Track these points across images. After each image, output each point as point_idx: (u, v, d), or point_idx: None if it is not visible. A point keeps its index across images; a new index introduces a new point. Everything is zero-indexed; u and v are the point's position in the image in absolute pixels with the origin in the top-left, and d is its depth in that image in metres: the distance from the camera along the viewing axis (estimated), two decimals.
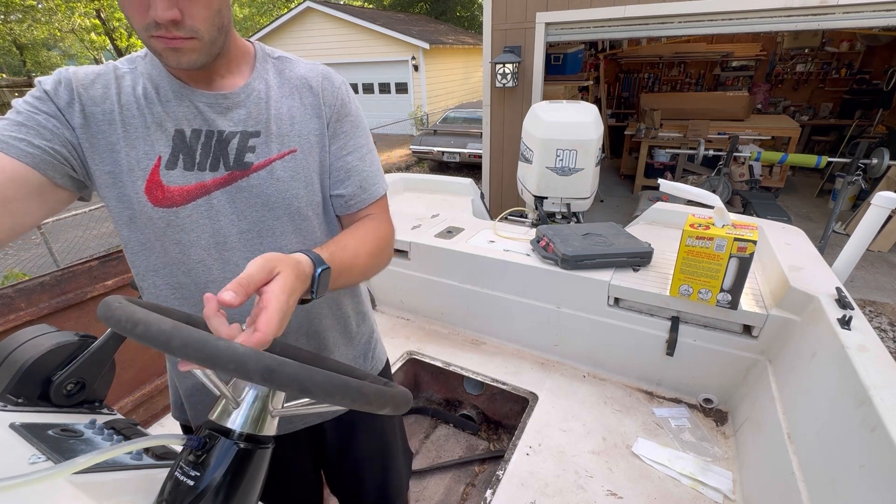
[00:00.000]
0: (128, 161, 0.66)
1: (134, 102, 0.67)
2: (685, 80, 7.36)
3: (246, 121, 0.71)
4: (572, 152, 2.50)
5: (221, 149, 0.70)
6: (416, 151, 8.22)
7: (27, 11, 13.07)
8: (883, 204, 1.30)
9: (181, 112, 0.68)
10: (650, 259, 1.65)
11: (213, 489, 0.48)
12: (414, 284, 2.04)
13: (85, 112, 0.65)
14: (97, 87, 0.66)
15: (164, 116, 0.67)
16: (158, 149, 0.67)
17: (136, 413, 1.63)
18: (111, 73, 0.68)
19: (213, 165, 0.69)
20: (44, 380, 0.66)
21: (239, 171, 0.71)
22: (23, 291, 1.34)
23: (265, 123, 0.72)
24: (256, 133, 0.72)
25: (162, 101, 0.67)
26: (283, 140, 0.73)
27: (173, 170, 0.68)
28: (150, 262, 0.72)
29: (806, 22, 3.35)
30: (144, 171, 0.67)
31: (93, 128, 0.65)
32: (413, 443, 1.97)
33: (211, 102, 0.69)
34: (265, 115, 0.72)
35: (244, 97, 0.71)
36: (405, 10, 18.63)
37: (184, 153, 0.68)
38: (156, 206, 0.68)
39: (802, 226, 2.00)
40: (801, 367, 1.22)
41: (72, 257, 4.70)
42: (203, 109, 0.69)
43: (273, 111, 0.73)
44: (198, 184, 0.69)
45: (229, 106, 0.70)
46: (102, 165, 0.66)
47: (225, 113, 0.70)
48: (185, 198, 0.69)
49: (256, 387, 0.54)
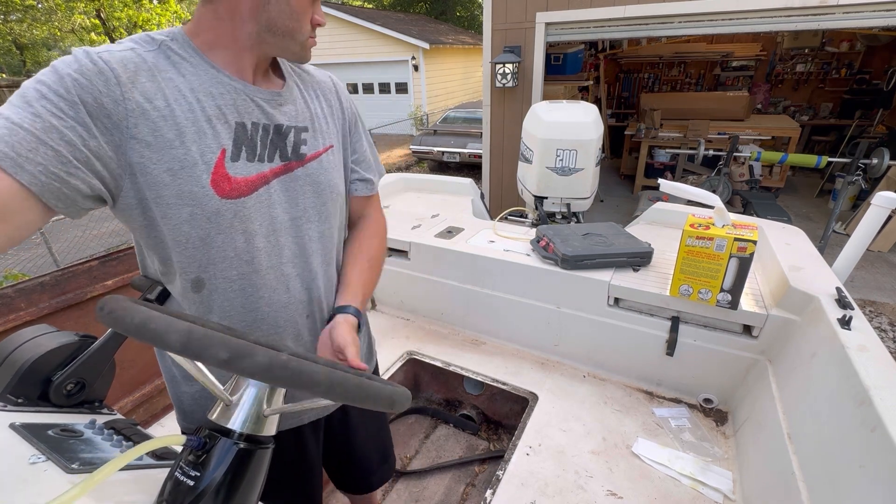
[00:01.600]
0: (189, 156, 0.64)
1: (188, 94, 0.65)
2: (685, 80, 7.36)
3: (296, 117, 0.78)
4: (572, 152, 2.50)
5: (280, 140, 0.75)
6: (416, 151, 8.22)
7: (27, 11, 13.06)
8: (883, 204, 1.30)
9: (240, 105, 0.70)
10: (650, 259, 1.65)
11: (212, 489, 0.48)
12: (414, 284, 2.04)
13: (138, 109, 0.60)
14: (143, 80, 0.61)
15: (225, 109, 0.68)
16: (222, 141, 0.67)
17: (136, 413, 1.63)
18: (144, 60, 0.63)
19: (270, 156, 0.74)
20: (44, 380, 0.66)
21: (296, 161, 0.77)
22: (23, 291, 1.34)
23: (310, 121, 0.80)
24: (305, 128, 0.79)
25: (217, 94, 0.67)
26: (323, 136, 0.82)
27: (237, 161, 0.69)
28: (209, 255, 0.71)
29: (806, 22, 3.35)
30: (209, 165, 0.66)
31: (149, 126, 0.61)
32: (413, 443, 1.97)
33: (268, 99, 0.73)
34: (308, 113, 0.80)
35: (289, 96, 0.77)
36: (405, 10, 18.64)
37: (246, 145, 0.70)
38: (223, 199, 0.68)
39: (802, 226, 2.00)
40: (801, 367, 1.22)
41: (72, 257, 4.70)
42: (261, 104, 0.72)
43: (311, 111, 0.81)
44: (259, 174, 0.72)
45: (282, 103, 0.76)
46: (160, 164, 0.63)
47: (279, 109, 0.75)
48: (249, 188, 0.71)
49: (257, 387, 0.54)
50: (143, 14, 13.13)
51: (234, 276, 0.74)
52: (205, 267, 0.72)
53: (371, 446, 1.15)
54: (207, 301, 0.75)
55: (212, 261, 0.72)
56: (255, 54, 0.71)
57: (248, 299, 0.76)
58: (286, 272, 0.78)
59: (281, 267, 0.77)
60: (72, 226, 4.99)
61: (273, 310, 0.79)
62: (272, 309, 0.79)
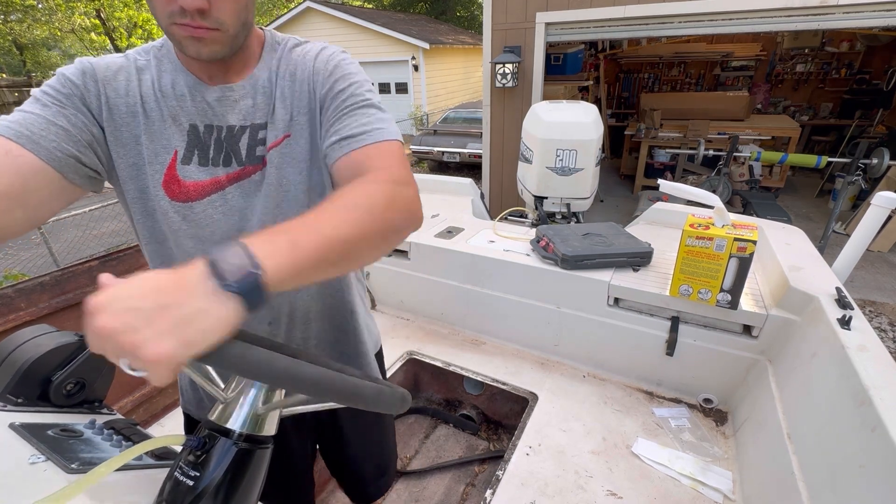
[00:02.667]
0: (148, 154, 0.67)
1: (152, 95, 0.67)
2: (685, 80, 7.36)
3: (253, 113, 0.70)
4: (572, 152, 2.50)
5: (233, 143, 0.70)
6: (416, 151, 8.22)
7: (27, 11, 13.07)
8: (883, 204, 1.30)
9: (194, 107, 0.68)
10: (650, 259, 1.65)
11: (212, 489, 0.48)
12: (414, 284, 2.04)
13: (110, 104, 0.65)
14: (120, 80, 0.66)
15: (179, 111, 0.68)
16: (175, 143, 0.68)
17: (136, 413, 1.63)
18: (131, 64, 0.68)
19: (226, 161, 0.70)
20: (43, 380, 0.66)
21: (252, 166, 0.71)
22: (23, 291, 1.34)
23: (271, 112, 0.71)
24: (263, 125, 0.71)
25: (177, 96, 0.68)
26: (282, 126, 0.72)
27: (188, 164, 0.69)
28: (162, 255, 0.73)
29: (806, 22, 3.35)
30: (162, 165, 0.68)
31: (117, 120, 0.66)
32: (413, 443, 1.97)
33: (220, 97, 0.69)
34: (269, 103, 0.71)
35: (250, 88, 0.70)
36: (405, 10, 18.64)
37: (198, 148, 0.69)
38: (172, 200, 0.69)
39: (802, 226, 1.99)
40: (801, 367, 1.22)
41: (72, 257, 4.70)
42: (213, 104, 0.69)
43: (277, 98, 0.72)
44: (212, 179, 0.70)
45: (236, 98, 0.70)
46: (126, 157, 0.67)
47: (233, 107, 0.70)
48: (199, 193, 0.69)
49: (256, 387, 0.54)
50: (143, 14, 13.13)
51: None
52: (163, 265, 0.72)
53: (366, 459, 1.12)
54: None
55: (164, 261, 0.72)
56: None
57: None
58: None
59: None
60: (72, 226, 4.99)
61: None
62: None
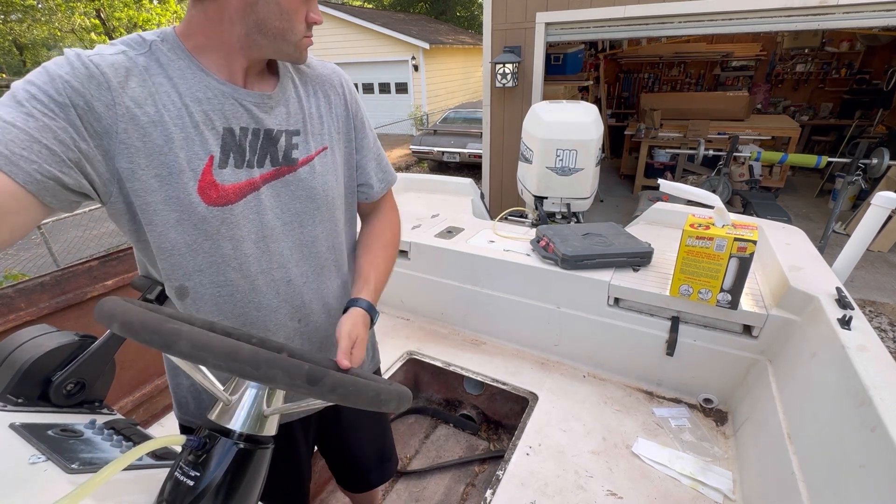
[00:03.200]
0: (177, 163, 0.64)
1: (176, 100, 0.64)
2: (685, 80, 7.36)
3: (287, 120, 0.75)
4: (572, 152, 2.50)
5: (270, 145, 0.73)
6: (416, 151, 8.22)
7: (27, 11, 13.05)
8: (883, 204, 1.30)
9: (228, 110, 0.68)
10: (650, 259, 1.65)
11: (212, 489, 0.48)
12: (414, 284, 2.04)
13: (130, 114, 0.60)
14: (133, 85, 0.61)
15: (212, 114, 0.67)
16: (209, 148, 0.66)
17: (136, 413, 1.63)
18: (136, 65, 0.62)
19: (260, 162, 0.72)
20: (44, 380, 0.66)
21: (287, 167, 0.75)
22: (23, 291, 1.34)
23: (302, 122, 0.77)
24: (297, 131, 0.76)
25: (204, 100, 0.66)
26: (317, 138, 0.79)
27: (225, 168, 0.68)
28: (196, 262, 0.71)
29: (806, 22, 3.35)
30: (196, 172, 0.65)
31: (139, 132, 0.61)
32: (413, 443, 1.97)
33: (257, 102, 0.71)
34: (301, 114, 0.77)
35: (282, 97, 0.75)
36: (405, 10, 18.64)
37: (234, 151, 0.69)
38: (209, 206, 0.67)
39: (802, 226, 1.99)
40: (801, 367, 1.22)
41: (72, 257, 4.70)
42: (250, 108, 0.70)
43: (306, 111, 0.78)
44: (248, 180, 0.71)
45: (272, 105, 0.73)
46: (149, 168, 0.63)
47: (269, 112, 0.73)
48: (237, 195, 0.70)
49: (256, 387, 0.54)
50: (143, 14, 13.12)
51: (223, 281, 0.73)
52: (190, 274, 0.72)
53: (368, 444, 1.15)
54: (192, 308, 0.75)
55: (199, 267, 0.71)
56: (247, 56, 0.68)
57: (236, 304, 0.76)
58: (276, 277, 0.77)
59: (271, 272, 0.76)
60: (72, 226, 4.99)
61: (262, 314, 0.78)
62: (261, 313, 0.78)
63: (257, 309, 0.77)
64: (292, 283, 0.79)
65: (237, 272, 0.73)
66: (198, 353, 0.42)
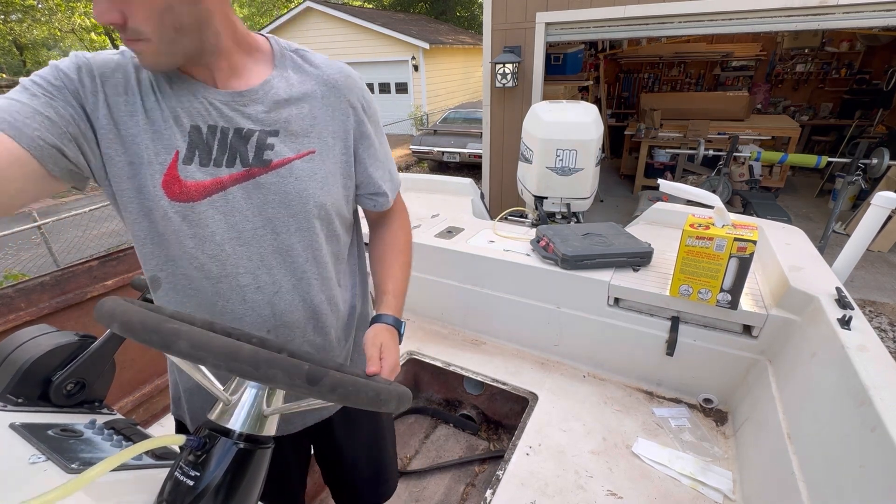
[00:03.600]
0: (147, 154, 0.66)
1: (152, 94, 0.66)
2: (685, 80, 7.36)
3: (264, 119, 0.71)
4: (572, 152, 2.50)
5: (240, 145, 0.70)
6: (416, 151, 8.22)
7: (27, 11, 13.06)
8: (883, 204, 1.30)
9: (196, 108, 0.68)
10: (650, 259, 1.65)
11: (212, 489, 0.48)
12: (414, 284, 2.02)
13: (108, 102, 0.64)
14: (118, 77, 0.65)
15: (180, 111, 0.67)
16: (176, 143, 0.67)
17: (136, 413, 1.63)
18: (129, 62, 0.66)
19: (229, 161, 0.70)
20: (44, 380, 0.66)
21: (258, 168, 0.71)
22: (23, 291, 1.34)
23: (284, 123, 0.73)
24: (275, 132, 0.72)
25: (176, 95, 0.67)
26: (301, 140, 0.74)
27: (189, 165, 0.68)
28: (163, 254, 0.72)
29: (806, 22, 3.35)
30: (162, 165, 0.67)
31: (116, 118, 0.65)
32: (413, 443, 1.97)
33: (227, 100, 0.69)
34: (282, 114, 0.73)
35: (262, 94, 0.71)
36: (405, 10, 18.63)
37: (200, 149, 0.68)
38: (172, 201, 0.68)
39: (802, 226, 1.99)
40: (801, 367, 1.22)
41: (72, 257, 4.70)
42: (219, 107, 0.69)
43: (295, 110, 0.74)
44: (214, 179, 0.70)
45: (246, 103, 0.70)
46: (123, 156, 0.66)
47: (242, 110, 0.70)
48: (201, 193, 0.69)
49: (256, 387, 0.54)
50: None
51: (185, 280, 0.73)
52: (161, 265, 0.73)
53: (363, 463, 1.09)
54: (164, 300, 0.75)
55: (167, 259, 0.72)
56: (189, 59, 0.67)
57: (199, 306, 0.75)
58: (243, 283, 0.74)
59: (237, 277, 0.73)
60: (72, 226, 4.99)
61: (225, 320, 0.75)
62: (224, 319, 0.75)
63: (220, 314, 0.75)
64: (261, 291, 0.75)
65: (199, 272, 0.72)
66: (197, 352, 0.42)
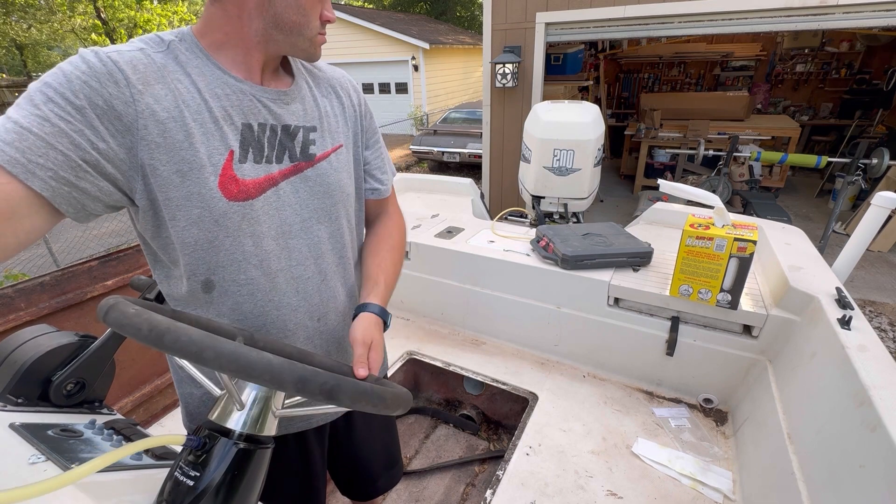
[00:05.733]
0: (197, 158, 0.64)
1: (196, 96, 0.64)
2: (685, 80, 7.36)
3: (304, 116, 0.76)
4: (569, 152, 2.50)
5: (288, 141, 0.74)
6: (416, 151, 8.22)
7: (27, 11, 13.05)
8: (883, 204, 1.30)
9: (246, 106, 0.69)
10: (650, 259, 1.65)
11: (212, 489, 0.48)
12: (414, 284, 2.04)
13: (151, 110, 0.60)
14: (152, 82, 0.61)
15: (231, 111, 0.67)
16: (229, 143, 0.67)
17: (136, 413, 1.63)
18: (152, 62, 0.62)
19: (278, 157, 0.73)
20: (44, 380, 0.66)
21: (305, 162, 0.76)
22: (23, 291, 1.34)
23: (318, 120, 0.79)
24: (314, 128, 0.78)
25: (223, 96, 0.67)
26: (332, 135, 0.81)
27: (244, 163, 0.68)
28: (218, 258, 0.70)
29: (806, 22, 3.35)
30: (216, 167, 0.66)
31: (160, 126, 0.61)
32: (413, 443, 1.97)
33: (274, 98, 0.72)
34: (317, 112, 0.79)
35: (298, 94, 0.76)
36: (405, 10, 18.63)
37: (253, 146, 0.69)
38: (230, 201, 0.67)
39: (802, 226, 1.99)
40: (801, 367, 1.22)
41: (72, 257, 4.70)
42: (268, 104, 0.71)
43: (321, 109, 0.80)
44: (266, 175, 0.71)
45: (289, 101, 0.74)
46: (169, 165, 0.63)
47: (286, 108, 0.74)
48: (257, 190, 0.70)
49: (257, 388, 0.54)
50: (145, 15, 13.13)
51: (243, 279, 0.73)
52: (213, 269, 0.72)
53: (377, 451, 1.13)
54: (217, 303, 0.74)
55: (220, 264, 0.71)
56: (264, 52, 0.70)
57: (256, 303, 0.75)
58: (296, 274, 0.77)
59: (291, 269, 0.77)
60: (72, 226, 4.99)
61: (282, 313, 0.78)
62: (281, 312, 0.78)
63: (277, 308, 0.77)
64: (311, 281, 0.80)
65: (258, 269, 0.73)
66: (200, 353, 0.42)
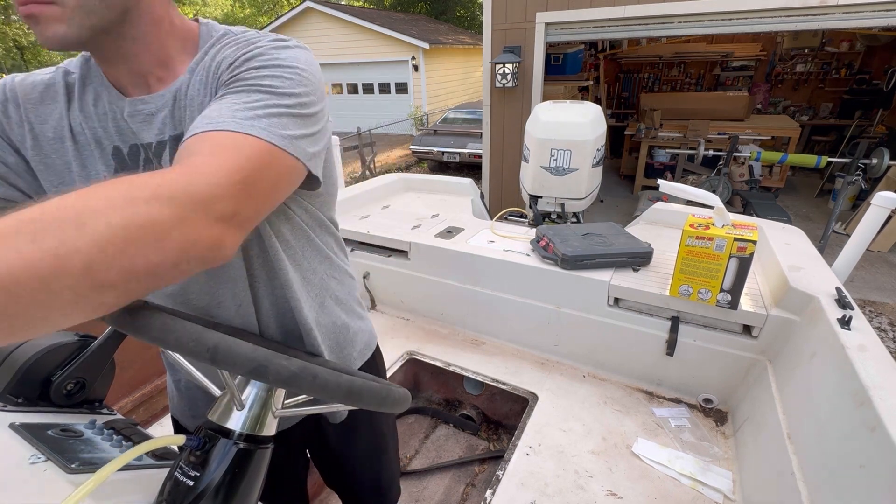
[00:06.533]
0: (79, 182, 0.61)
1: (78, 116, 0.61)
2: (685, 80, 7.36)
3: (172, 123, 0.61)
4: (566, 152, 2.50)
5: (156, 161, 0.62)
6: (416, 151, 8.22)
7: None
8: (883, 204, 1.30)
9: (114, 126, 0.61)
10: (650, 259, 1.65)
11: (212, 489, 0.48)
12: (414, 284, 2.04)
13: (35, 132, 0.60)
14: (45, 102, 0.61)
15: (101, 133, 0.61)
16: (101, 169, 0.62)
17: (136, 413, 1.62)
18: (61, 80, 0.61)
19: None
20: (43, 380, 0.66)
21: None
22: None
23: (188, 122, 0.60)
24: (181, 135, 0.60)
25: (98, 115, 0.61)
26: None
27: None
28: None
29: (806, 22, 3.35)
30: None
31: (45, 148, 0.60)
32: (413, 443, 1.97)
33: (132, 112, 0.60)
34: (186, 111, 0.61)
35: (170, 97, 0.60)
36: (405, 10, 18.63)
37: (126, 171, 0.62)
38: None
39: (802, 226, 2.00)
40: (801, 367, 1.22)
41: None
42: (129, 122, 0.60)
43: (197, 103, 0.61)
44: None
45: (151, 111, 0.60)
46: (59, 187, 0.62)
47: (149, 121, 0.60)
48: None
49: (257, 387, 0.54)
50: None
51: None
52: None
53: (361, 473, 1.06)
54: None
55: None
56: (103, 59, 0.60)
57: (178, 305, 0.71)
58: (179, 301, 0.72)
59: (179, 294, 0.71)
60: None
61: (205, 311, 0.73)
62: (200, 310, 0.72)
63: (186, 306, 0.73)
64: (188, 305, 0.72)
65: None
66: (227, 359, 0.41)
